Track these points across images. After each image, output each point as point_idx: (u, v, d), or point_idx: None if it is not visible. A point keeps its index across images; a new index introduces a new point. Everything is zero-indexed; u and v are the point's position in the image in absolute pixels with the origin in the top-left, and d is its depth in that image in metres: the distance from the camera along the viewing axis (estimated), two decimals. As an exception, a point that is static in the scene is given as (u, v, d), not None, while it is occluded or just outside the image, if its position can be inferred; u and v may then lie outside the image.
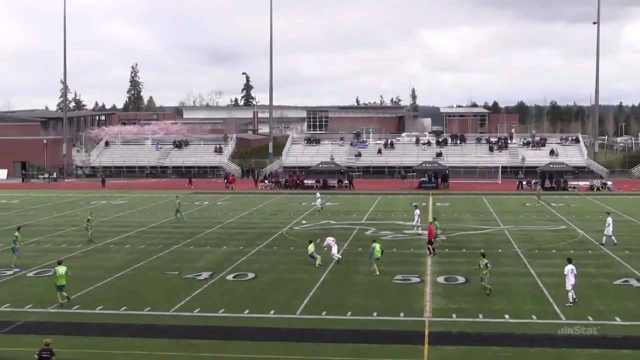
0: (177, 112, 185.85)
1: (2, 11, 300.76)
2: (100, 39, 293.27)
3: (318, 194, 61.02)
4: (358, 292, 29.13)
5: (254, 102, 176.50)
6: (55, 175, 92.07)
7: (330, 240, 35.63)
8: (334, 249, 35.03)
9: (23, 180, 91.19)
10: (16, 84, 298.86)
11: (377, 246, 32.74)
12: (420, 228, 44.55)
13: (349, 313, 25.83)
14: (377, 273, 31.92)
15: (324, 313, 25.90)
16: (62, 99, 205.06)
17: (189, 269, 33.72)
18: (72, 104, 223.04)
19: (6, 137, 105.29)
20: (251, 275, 32.49)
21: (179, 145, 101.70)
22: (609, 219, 40.38)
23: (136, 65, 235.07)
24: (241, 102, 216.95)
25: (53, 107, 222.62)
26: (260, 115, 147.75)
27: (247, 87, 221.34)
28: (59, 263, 28.10)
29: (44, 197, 70.58)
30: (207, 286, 30.34)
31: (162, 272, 33.36)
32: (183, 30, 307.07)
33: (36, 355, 18.61)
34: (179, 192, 65.83)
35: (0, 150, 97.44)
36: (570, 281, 26.65)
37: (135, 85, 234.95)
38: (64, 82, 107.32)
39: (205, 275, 32.36)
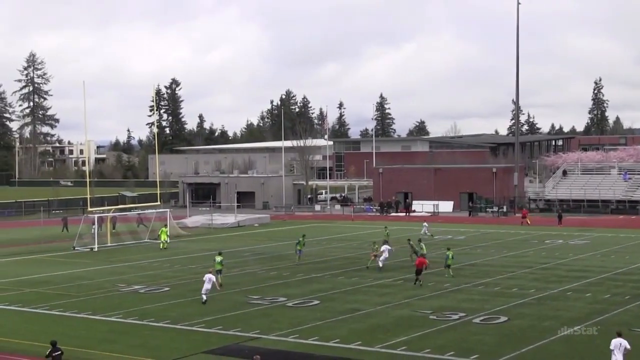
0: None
1: (450, 25, 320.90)
2: (558, 50, 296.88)
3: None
4: None
5: None
6: (505, 209, 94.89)
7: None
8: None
9: (470, 214, 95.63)
10: (463, 105, 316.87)
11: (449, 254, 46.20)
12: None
13: None
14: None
15: None
16: (513, 121, 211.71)
17: (664, 328, 32.26)
18: (525, 127, 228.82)
19: (453, 165, 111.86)
20: None
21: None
22: None
23: (600, 80, 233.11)
24: None
25: (503, 131, 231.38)
26: None
27: None
28: (219, 254, 43.61)
29: (492, 233, 73.24)
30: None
31: (630, 328, 32.35)
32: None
33: None
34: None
35: (446, 180, 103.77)
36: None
37: (598, 103, 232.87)
38: (516, 102, 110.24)
39: (685, 337, 30.56)
